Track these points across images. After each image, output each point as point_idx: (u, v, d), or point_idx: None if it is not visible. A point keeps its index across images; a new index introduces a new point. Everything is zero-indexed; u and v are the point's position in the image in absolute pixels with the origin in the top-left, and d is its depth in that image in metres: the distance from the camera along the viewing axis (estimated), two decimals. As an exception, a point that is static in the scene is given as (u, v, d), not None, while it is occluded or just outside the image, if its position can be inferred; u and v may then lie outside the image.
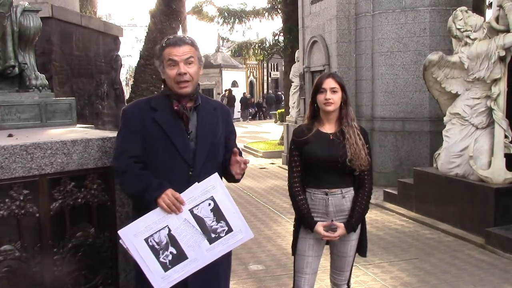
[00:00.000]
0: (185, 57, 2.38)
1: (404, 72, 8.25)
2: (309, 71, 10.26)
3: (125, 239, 2.32)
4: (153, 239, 2.32)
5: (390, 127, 8.38)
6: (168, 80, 2.43)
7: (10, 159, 2.37)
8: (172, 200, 2.31)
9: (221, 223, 2.40)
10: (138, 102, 2.60)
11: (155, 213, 2.33)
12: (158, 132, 2.39)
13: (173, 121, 2.42)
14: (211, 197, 2.39)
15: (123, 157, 2.41)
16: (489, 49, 5.56)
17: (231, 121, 2.71)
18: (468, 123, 5.86)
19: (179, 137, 2.40)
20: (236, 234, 2.43)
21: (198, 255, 2.36)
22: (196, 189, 2.36)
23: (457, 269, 4.69)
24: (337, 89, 2.80)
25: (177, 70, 2.38)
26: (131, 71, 34.19)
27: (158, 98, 2.50)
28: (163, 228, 2.33)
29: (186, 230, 2.35)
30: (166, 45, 2.43)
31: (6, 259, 2.37)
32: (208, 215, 2.38)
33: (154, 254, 2.32)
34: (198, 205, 2.37)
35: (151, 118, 2.41)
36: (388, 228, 6.13)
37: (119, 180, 2.48)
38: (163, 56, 2.42)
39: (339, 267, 2.99)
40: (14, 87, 3.57)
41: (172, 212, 2.32)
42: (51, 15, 5.60)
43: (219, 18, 19.23)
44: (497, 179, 5.56)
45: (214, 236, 2.39)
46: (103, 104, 7.12)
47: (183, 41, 2.43)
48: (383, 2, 8.36)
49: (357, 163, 2.77)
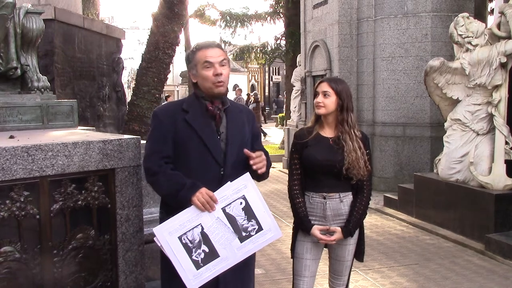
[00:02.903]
0: (220, 59, 2.46)
1: (406, 77, 8.25)
2: (311, 76, 10.27)
3: (160, 237, 2.34)
4: (186, 237, 2.35)
5: (391, 132, 8.38)
6: (203, 82, 2.47)
7: (11, 160, 2.38)
8: (206, 199, 2.35)
9: (252, 221, 2.45)
10: (169, 104, 2.68)
11: (189, 211, 2.36)
12: (190, 133, 2.43)
13: (205, 122, 2.47)
14: (243, 196, 2.43)
15: (155, 157, 2.44)
16: (490, 55, 5.56)
17: (256, 123, 2.76)
18: (469, 129, 5.86)
19: (211, 138, 2.45)
20: (266, 232, 2.48)
21: (229, 254, 2.40)
22: (228, 188, 2.40)
23: (456, 275, 4.69)
24: (330, 93, 2.78)
25: (213, 71, 2.43)
26: (133, 73, 34.18)
27: (190, 100, 2.54)
28: (196, 226, 2.36)
29: (219, 229, 2.39)
30: (198, 48, 2.49)
31: (6, 260, 2.37)
32: (239, 213, 2.42)
33: (187, 252, 2.35)
34: (230, 203, 2.41)
35: (183, 119, 2.45)
36: (388, 233, 6.13)
37: (150, 181, 2.50)
38: (197, 59, 2.47)
39: (337, 271, 2.99)
40: (16, 88, 3.58)
41: (206, 211, 2.36)
42: (54, 17, 5.61)
43: (221, 22, 19.29)
44: (497, 185, 5.55)
45: (245, 234, 2.43)
46: (104, 106, 7.13)
47: (214, 44, 2.52)
48: (385, 7, 8.38)
49: (354, 171, 2.75)
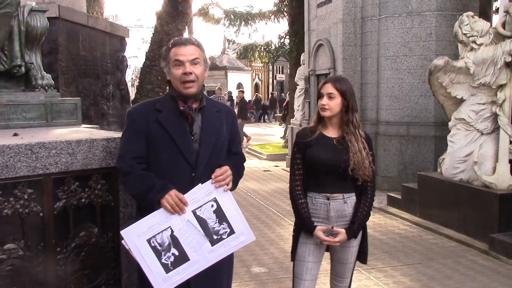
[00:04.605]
0: (191, 57, 2.40)
1: (410, 76, 8.24)
2: (315, 74, 10.26)
3: (128, 240, 2.30)
4: (155, 240, 2.30)
5: (395, 131, 8.36)
6: (174, 80, 2.44)
7: (15, 158, 2.38)
8: (176, 201, 2.30)
9: (223, 225, 2.39)
10: (144, 103, 2.60)
11: (158, 213, 2.31)
12: (162, 133, 2.39)
13: (177, 122, 2.42)
14: (214, 199, 2.37)
15: (127, 157, 2.42)
16: (495, 54, 5.55)
17: (236, 123, 2.70)
18: (473, 129, 5.85)
19: (183, 138, 2.40)
20: (238, 236, 2.41)
21: (200, 257, 2.35)
22: (199, 190, 2.35)
23: (460, 274, 4.67)
24: (335, 95, 2.73)
25: (182, 70, 2.38)
26: (137, 72, 34.27)
27: (164, 100, 2.50)
28: (165, 229, 2.31)
29: (189, 232, 2.33)
30: (172, 45, 2.44)
31: (9, 257, 2.37)
32: (210, 216, 2.37)
33: (156, 255, 2.30)
34: (201, 206, 2.35)
35: (155, 119, 2.41)
36: (391, 233, 6.12)
37: (122, 180, 2.49)
38: (169, 57, 2.43)
39: (340, 273, 2.94)
40: (20, 86, 3.58)
41: (175, 213, 2.31)
42: (58, 15, 5.62)
43: (225, 20, 19.32)
44: (501, 185, 5.53)
45: (216, 238, 2.37)
46: (108, 104, 7.14)
47: (189, 41, 2.45)
48: (389, 6, 8.36)
49: (360, 172, 2.72)
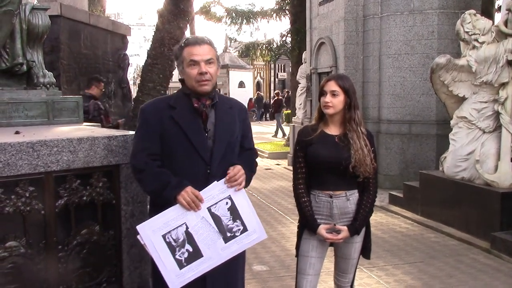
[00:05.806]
0: (206, 57, 2.40)
1: (412, 74, 8.22)
2: (316, 73, 10.25)
3: (143, 235, 2.32)
4: (170, 235, 2.32)
5: (397, 130, 8.35)
6: (189, 79, 2.44)
7: (17, 156, 2.39)
8: (192, 198, 2.32)
9: (237, 222, 2.42)
10: (156, 100, 2.60)
11: (174, 209, 2.33)
12: (176, 130, 2.39)
13: (192, 119, 2.42)
14: (229, 196, 2.40)
15: (141, 155, 2.41)
16: (497, 52, 5.53)
17: (248, 119, 2.71)
18: (475, 127, 5.84)
19: (197, 135, 2.41)
20: (251, 234, 2.44)
21: (213, 254, 2.37)
22: (214, 187, 2.38)
23: (461, 273, 4.67)
24: (338, 92, 2.74)
25: (198, 70, 2.38)
26: (139, 70, 34.34)
27: (177, 97, 2.50)
28: (181, 225, 2.33)
29: (203, 228, 2.36)
30: (185, 44, 2.43)
31: (11, 255, 2.39)
32: (225, 213, 2.40)
33: (171, 251, 2.33)
34: (216, 203, 2.38)
35: (170, 116, 2.41)
36: (393, 231, 6.11)
37: (137, 178, 2.48)
38: (183, 56, 2.42)
39: (343, 269, 2.97)
40: (22, 84, 3.59)
41: (191, 210, 2.33)
42: (60, 14, 5.64)
43: (227, 19, 19.30)
44: (503, 184, 5.52)
45: (230, 235, 2.40)
46: (110, 102, 7.15)
47: (203, 41, 2.44)
48: (391, 4, 8.34)
49: (361, 169, 2.72)
